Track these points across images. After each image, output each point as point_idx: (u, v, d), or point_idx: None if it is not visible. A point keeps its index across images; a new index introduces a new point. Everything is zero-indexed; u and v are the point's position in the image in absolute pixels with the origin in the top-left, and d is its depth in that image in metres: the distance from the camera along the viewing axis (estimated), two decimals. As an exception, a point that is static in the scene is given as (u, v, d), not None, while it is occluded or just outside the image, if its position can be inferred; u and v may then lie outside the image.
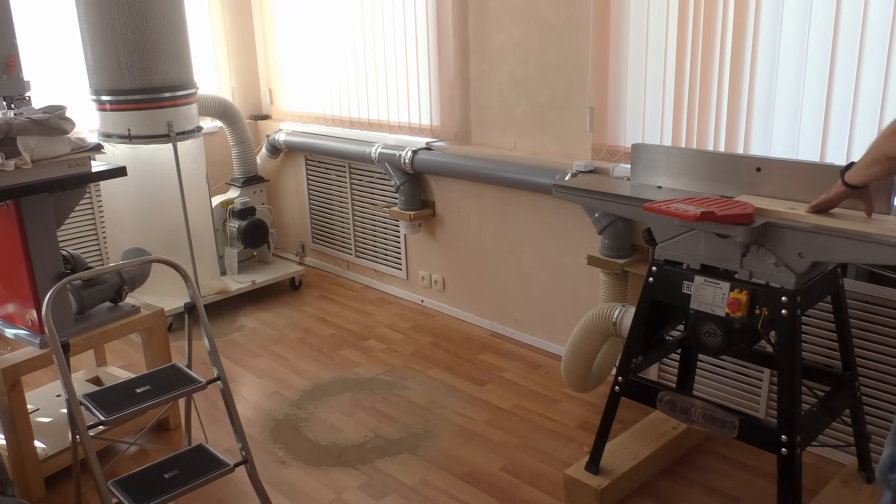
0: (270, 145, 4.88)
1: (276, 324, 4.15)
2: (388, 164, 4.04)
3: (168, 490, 2.12)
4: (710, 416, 2.25)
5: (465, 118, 3.79)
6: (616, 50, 3.05)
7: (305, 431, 3.04)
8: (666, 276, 2.30)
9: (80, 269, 2.78)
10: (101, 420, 2.12)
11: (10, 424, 2.53)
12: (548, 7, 3.27)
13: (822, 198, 2.01)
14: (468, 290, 4.03)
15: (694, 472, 2.68)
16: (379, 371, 3.54)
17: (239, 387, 3.42)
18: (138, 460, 2.85)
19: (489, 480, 2.69)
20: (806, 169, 2.19)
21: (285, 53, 4.82)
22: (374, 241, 4.56)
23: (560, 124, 3.37)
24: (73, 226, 4.24)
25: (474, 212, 3.86)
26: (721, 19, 2.69)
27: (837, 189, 1.96)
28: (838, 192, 1.96)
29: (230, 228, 4.51)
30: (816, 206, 2.03)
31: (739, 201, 2.16)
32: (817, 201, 2.02)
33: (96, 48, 3.67)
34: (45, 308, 2.13)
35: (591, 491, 2.45)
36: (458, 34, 3.69)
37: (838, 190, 1.96)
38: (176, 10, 3.77)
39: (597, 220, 3.08)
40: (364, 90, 4.28)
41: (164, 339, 2.95)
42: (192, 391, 2.33)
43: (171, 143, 3.79)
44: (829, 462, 2.68)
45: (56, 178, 2.54)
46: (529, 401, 3.21)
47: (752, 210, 2.09)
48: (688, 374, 2.74)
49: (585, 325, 2.79)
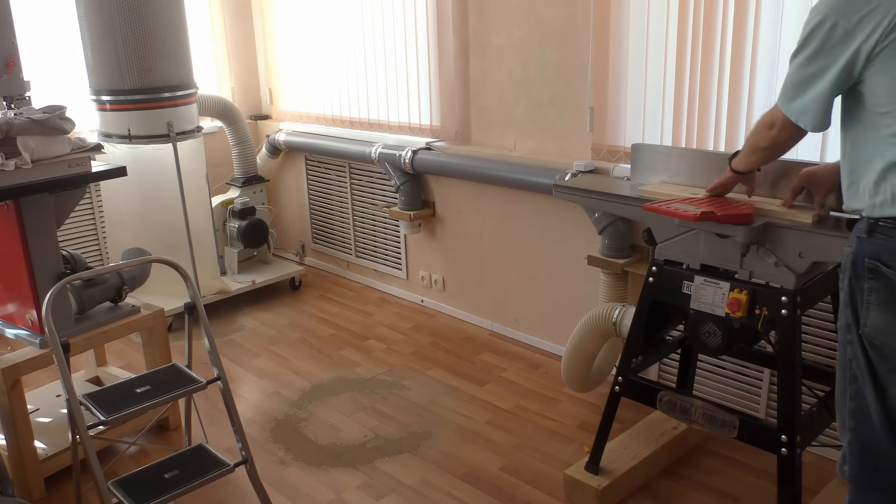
0: (270, 145, 4.88)
1: (276, 324, 4.15)
2: (388, 164, 4.04)
3: (168, 490, 2.12)
4: (710, 416, 2.25)
5: (465, 118, 3.79)
6: (616, 50, 3.05)
7: (305, 431, 3.04)
8: (666, 276, 2.30)
9: (80, 269, 2.78)
10: (101, 420, 2.13)
11: (10, 424, 2.53)
12: (548, 7, 3.27)
13: (715, 182, 2.18)
14: (468, 290, 4.03)
15: (694, 472, 2.68)
16: (379, 371, 3.54)
17: (239, 387, 3.42)
18: (138, 460, 2.85)
19: (489, 480, 2.69)
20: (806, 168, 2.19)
21: (285, 53, 4.82)
22: (374, 241, 4.56)
23: (560, 124, 3.37)
24: (73, 226, 4.24)
25: (474, 212, 3.86)
26: (721, 19, 2.69)
27: (727, 175, 2.13)
28: (727, 177, 2.13)
29: (230, 228, 4.51)
30: (712, 190, 2.19)
31: (739, 201, 2.16)
32: (712, 186, 2.19)
33: (96, 48, 3.67)
34: (45, 308, 2.13)
35: (591, 491, 2.45)
36: (458, 34, 3.69)
37: (727, 175, 2.12)
38: (176, 10, 3.77)
39: (597, 220, 3.08)
40: (364, 90, 4.28)
41: (164, 339, 2.95)
42: (192, 391, 2.34)
43: (171, 143, 3.79)
44: (829, 462, 2.68)
45: (56, 178, 2.54)
46: (529, 401, 3.21)
47: (752, 210, 2.09)
48: (688, 374, 2.74)
49: (585, 325, 2.79)
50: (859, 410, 1.58)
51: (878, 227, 1.53)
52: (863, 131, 1.58)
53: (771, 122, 1.78)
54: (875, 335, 1.52)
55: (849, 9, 1.49)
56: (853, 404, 1.59)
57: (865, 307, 1.52)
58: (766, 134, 1.81)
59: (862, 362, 1.55)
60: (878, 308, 1.50)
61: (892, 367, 1.50)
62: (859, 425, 1.59)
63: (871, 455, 1.58)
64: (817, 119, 1.63)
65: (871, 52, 1.48)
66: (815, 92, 1.60)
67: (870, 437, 1.57)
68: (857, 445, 1.61)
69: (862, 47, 1.49)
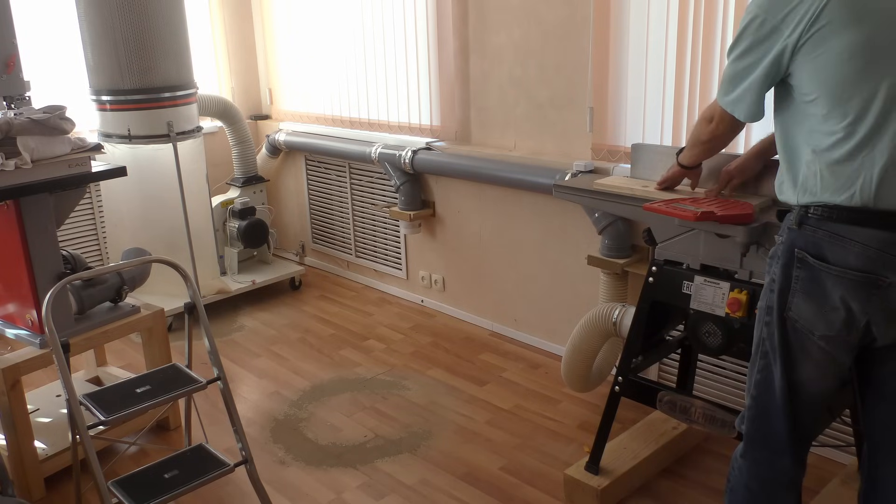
0: (270, 145, 4.88)
1: (276, 324, 4.15)
2: (388, 164, 4.04)
3: (168, 490, 2.12)
4: (710, 416, 2.25)
5: (465, 118, 3.79)
6: (616, 50, 3.05)
7: (305, 431, 3.04)
8: (666, 276, 2.30)
9: (80, 269, 2.78)
10: (101, 420, 2.12)
11: (10, 424, 2.53)
12: (548, 7, 3.27)
13: (664, 176, 2.32)
14: (468, 290, 4.03)
15: (694, 472, 2.68)
16: (379, 371, 3.54)
17: (239, 387, 3.42)
18: (138, 460, 2.85)
19: (489, 480, 2.69)
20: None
21: (285, 53, 4.82)
22: (374, 241, 4.56)
23: (560, 124, 3.37)
24: (73, 226, 4.24)
25: (474, 212, 3.86)
26: (721, 19, 2.69)
27: (674, 168, 2.28)
28: (674, 171, 2.28)
29: (230, 228, 4.50)
30: (661, 183, 2.34)
31: (739, 201, 2.16)
32: (661, 179, 2.34)
33: (96, 48, 3.67)
34: (45, 308, 2.13)
35: (591, 491, 2.45)
36: (458, 34, 3.69)
37: (674, 169, 2.28)
38: (176, 10, 3.77)
39: (597, 220, 3.08)
40: (364, 90, 4.28)
41: (164, 339, 2.95)
42: (192, 391, 2.34)
43: (171, 143, 3.79)
44: (829, 462, 2.68)
45: (56, 178, 2.54)
46: (529, 401, 3.21)
47: (752, 210, 2.09)
48: (688, 374, 2.74)
49: (585, 325, 2.79)
50: (763, 382, 1.76)
51: (807, 217, 1.63)
52: (792, 120, 1.68)
53: (710, 115, 1.90)
54: (798, 319, 1.66)
55: (775, 6, 1.61)
56: (759, 376, 1.77)
57: (792, 293, 1.65)
58: (706, 127, 1.93)
59: (776, 341, 1.70)
60: (803, 295, 1.64)
61: (805, 347, 1.67)
62: (760, 394, 1.78)
63: (766, 420, 1.78)
64: (751, 108, 1.74)
65: (796, 45, 1.59)
66: (748, 84, 1.71)
67: (768, 406, 1.76)
68: (755, 410, 1.80)
69: (788, 41, 1.60)
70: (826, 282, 1.59)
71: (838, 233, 1.57)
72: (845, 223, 1.57)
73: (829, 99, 1.57)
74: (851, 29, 1.52)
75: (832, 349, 1.65)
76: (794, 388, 1.71)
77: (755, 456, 1.82)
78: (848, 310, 1.59)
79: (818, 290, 1.61)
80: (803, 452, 1.81)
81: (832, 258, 1.58)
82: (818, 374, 1.69)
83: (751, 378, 1.80)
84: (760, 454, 1.81)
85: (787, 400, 1.72)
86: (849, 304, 1.58)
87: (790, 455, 1.78)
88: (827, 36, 1.54)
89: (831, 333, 1.62)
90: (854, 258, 1.56)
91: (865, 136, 1.54)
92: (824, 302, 1.60)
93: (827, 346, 1.65)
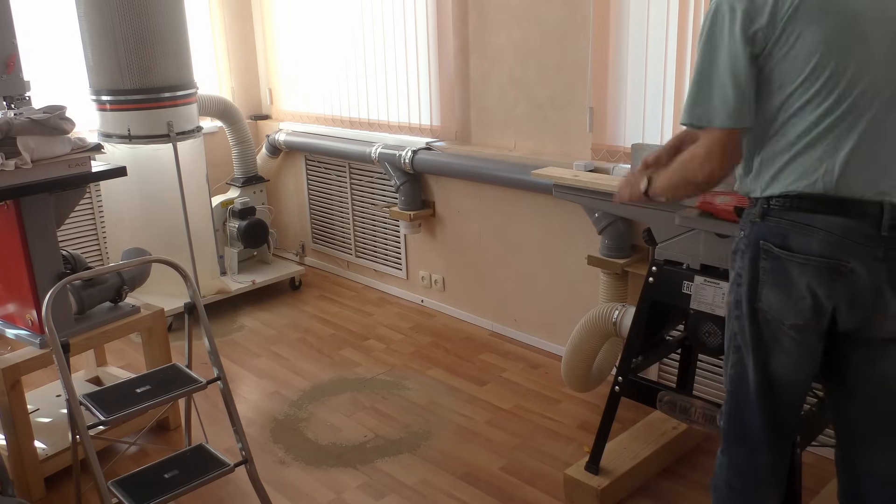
0: (270, 145, 4.88)
1: (276, 324, 4.15)
2: (388, 164, 4.04)
3: (168, 490, 2.12)
4: (710, 416, 2.25)
5: (465, 118, 3.79)
6: (616, 50, 3.05)
7: (305, 431, 3.04)
8: (666, 276, 2.30)
9: (80, 269, 2.78)
10: (101, 420, 2.13)
11: (10, 424, 2.53)
12: (548, 7, 3.27)
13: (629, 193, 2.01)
14: (468, 290, 4.03)
15: (694, 472, 2.68)
16: (379, 371, 3.54)
17: (239, 387, 3.42)
18: (138, 460, 2.85)
19: (489, 480, 2.69)
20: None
21: (285, 53, 4.82)
22: (374, 241, 4.56)
23: (560, 124, 3.37)
24: (73, 226, 4.24)
25: (474, 212, 3.86)
26: (721, 19, 2.68)
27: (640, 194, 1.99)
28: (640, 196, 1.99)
29: (230, 228, 4.51)
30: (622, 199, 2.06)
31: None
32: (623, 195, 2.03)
33: (96, 48, 3.67)
34: (45, 308, 2.13)
35: (591, 491, 2.45)
36: (458, 34, 3.69)
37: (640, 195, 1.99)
38: (176, 10, 3.77)
39: (597, 220, 3.08)
40: (364, 90, 4.28)
41: (164, 339, 2.95)
42: (192, 391, 2.34)
43: (171, 143, 3.79)
44: (829, 462, 2.67)
45: (56, 178, 2.54)
46: (529, 401, 3.21)
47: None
48: (688, 374, 2.74)
49: (585, 325, 2.79)
50: (738, 377, 1.76)
51: (769, 209, 1.64)
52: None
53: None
54: (768, 310, 1.67)
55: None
56: (733, 371, 1.77)
57: (761, 284, 1.67)
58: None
59: (748, 335, 1.71)
60: (771, 286, 1.65)
61: (776, 338, 1.68)
62: (736, 389, 1.78)
63: (741, 415, 1.78)
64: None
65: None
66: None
67: (743, 400, 1.76)
68: (731, 405, 1.81)
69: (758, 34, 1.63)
70: (792, 271, 1.61)
71: (801, 221, 1.60)
72: (807, 212, 1.59)
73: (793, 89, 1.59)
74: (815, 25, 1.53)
75: (803, 338, 1.67)
76: (769, 380, 1.72)
77: (734, 451, 1.83)
78: (814, 296, 1.61)
79: (785, 280, 1.63)
80: (784, 446, 1.81)
81: (796, 246, 1.61)
82: (792, 364, 1.70)
83: (726, 374, 1.81)
84: (738, 450, 1.82)
85: (761, 393, 1.73)
86: (815, 290, 1.60)
87: (769, 449, 1.78)
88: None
89: (801, 322, 1.64)
90: (817, 245, 1.58)
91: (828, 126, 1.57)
92: (792, 291, 1.63)
93: (798, 336, 1.66)
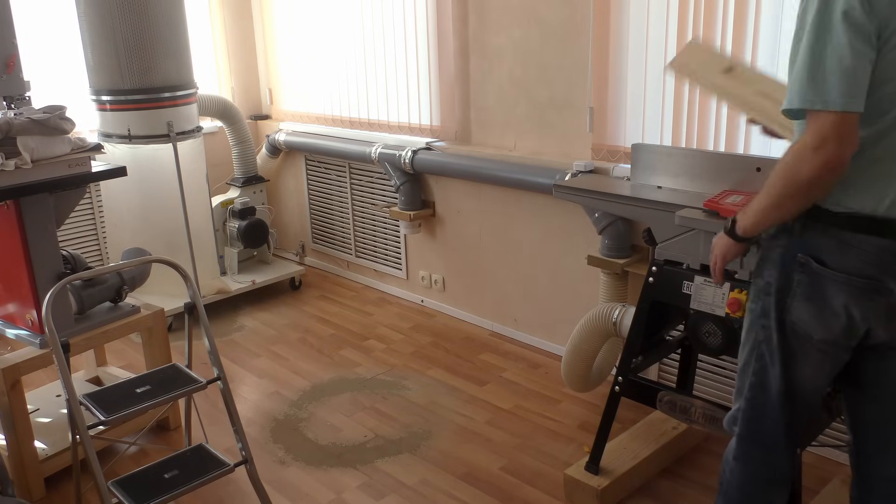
0: (270, 145, 4.88)
1: (276, 324, 4.15)
2: (388, 164, 4.04)
3: (168, 490, 2.12)
4: (710, 416, 2.25)
5: (465, 118, 3.79)
6: (616, 50, 3.05)
7: (305, 431, 3.04)
8: (666, 276, 2.30)
9: (80, 269, 2.78)
10: (101, 420, 2.13)
11: (10, 424, 2.53)
12: (548, 7, 3.27)
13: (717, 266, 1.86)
14: (468, 290, 4.03)
15: (694, 472, 2.68)
16: (379, 371, 3.54)
17: (239, 387, 3.42)
18: (138, 460, 2.85)
19: (489, 480, 2.69)
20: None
21: (285, 53, 4.82)
22: (374, 241, 4.56)
23: (560, 124, 3.37)
24: (73, 226, 4.24)
25: (474, 212, 3.86)
26: (721, 19, 2.69)
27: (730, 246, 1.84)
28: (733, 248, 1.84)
29: (230, 228, 4.51)
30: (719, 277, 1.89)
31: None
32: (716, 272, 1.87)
33: (96, 48, 3.67)
34: (45, 308, 2.13)
35: (591, 491, 2.45)
36: (458, 34, 3.69)
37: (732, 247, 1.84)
38: (176, 10, 3.77)
39: (597, 220, 3.08)
40: (364, 90, 4.28)
41: (164, 339, 2.95)
42: (192, 391, 2.34)
43: (171, 143, 3.79)
44: (829, 462, 2.68)
45: (56, 178, 2.54)
46: (529, 401, 3.21)
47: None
48: (688, 374, 2.74)
49: (585, 325, 2.79)
50: (759, 385, 1.76)
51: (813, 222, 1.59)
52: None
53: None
54: (797, 323, 1.65)
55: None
56: (754, 379, 1.76)
57: (792, 297, 1.64)
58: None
59: (775, 345, 1.69)
60: (803, 300, 1.63)
61: (804, 350, 1.67)
62: (755, 397, 1.77)
63: (762, 420, 1.78)
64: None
65: None
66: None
67: (764, 406, 1.76)
68: (750, 411, 1.80)
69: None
70: (828, 287, 1.58)
71: (845, 240, 1.56)
72: (851, 230, 1.55)
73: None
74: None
75: (831, 351, 1.66)
76: (792, 388, 1.72)
77: (751, 456, 1.83)
78: (849, 317, 1.58)
79: (819, 296, 1.60)
80: (795, 448, 1.84)
81: (835, 263, 1.57)
82: (815, 372, 1.70)
83: (744, 380, 1.79)
84: (757, 454, 1.82)
85: (783, 400, 1.73)
86: (850, 311, 1.58)
87: (786, 454, 1.80)
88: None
89: (830, 338, 1.63)
90: (860, 264, 1.55)
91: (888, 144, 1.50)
92: (825, 307, 1.60)
93: (827, 349, 1.65)
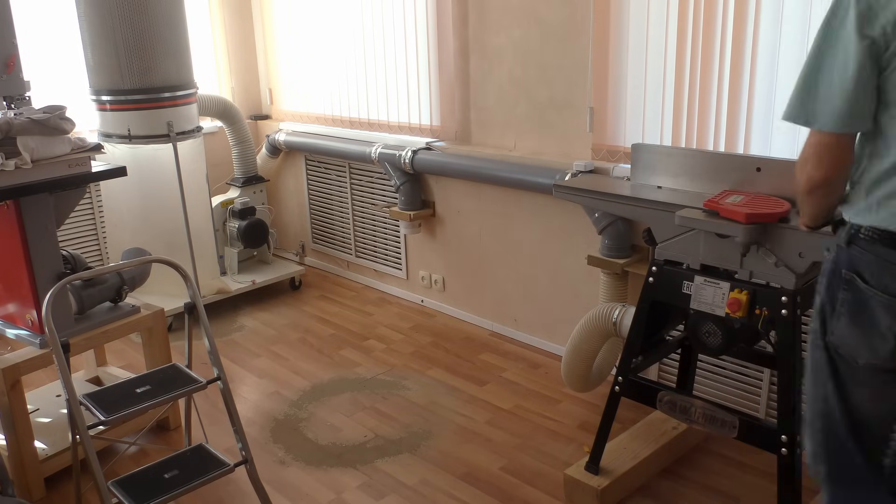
0: (270, 145, 4.88)
1: (276, 324, 4.15)
2: (388, 164, 4.04)
3: (168, 490, 2.12)
4: (710, 416, 2.25)
5: (465, 118, 3.79)
6: (616, 50, 3.05)
7: (305, 431, 3.04)
8: (666, 276, 2.30)
9: (80, 269, 2.78)
10: (101, 420, 2.13)
11: (10, 424, 2.53)
12: (548, 7, 3.27)
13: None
14: (468, 290, 4.03)
15: (694, 472, 2.68)
16: (379, 371, 3.54)
17: (239, 387, 3.42)
18: (138, 460, 2.85)
19: (489, 480, 2.69)
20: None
21: (285, 53, 4.82)
22: (374, 241, 4.56)
23: (560, 124, 3.37)
24: (73, 226, 4.24)
25: (474, 212, 3.86)
26: (721, 19, 2.69)
27: None
28: None
29: (230, 228, 4.51)
30: None
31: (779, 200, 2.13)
32: None
33: (96, 48, 3.67)
34: (45, 308, 2.13)
35: (591, 491, 2.45)
36: (458, 34, 3.69)
37: None
38: (176, 11, 3.77)
39: (597, 220, 3.08)
40: (364, 90, 4.28)
41: (164, 339, 2.95)
42: (192, 391, 2.34)
43: (171, 143, 3.79)
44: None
45: (56, 178, 2.54)
46: (529, 401, 3.21)
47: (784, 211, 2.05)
48: (688, 374, 2.74)
49: (585, 325, 2.79)
50: (827, 414, 1.58)
51: (857, 237, 1.49)
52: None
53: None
54: (840, 344, 1.52)
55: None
56: (823, 406, 1.59)
57: (836, 316, 1.52)
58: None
59: (826, 368, 1.56)
60: (847, 321, 1.50)
61: (853, 375, 1.52)
62: (827, 427, 1.60)
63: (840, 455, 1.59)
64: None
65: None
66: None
67: (836, 438, 1.58)
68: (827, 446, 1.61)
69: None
70: (875, 308, 1.46)
71: (889, 259, 1.44)
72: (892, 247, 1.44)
73: None
74: None
75: (882, 374, 1.50)
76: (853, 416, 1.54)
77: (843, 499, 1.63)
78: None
79: (864, 316, 1.47)
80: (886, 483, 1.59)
81: (879, 283, 1.45)
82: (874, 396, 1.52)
83: (812, 407, 1.62)
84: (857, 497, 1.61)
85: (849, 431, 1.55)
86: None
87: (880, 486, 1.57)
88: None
89: (876, 361, 1.48)
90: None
91: None
92: (870, 328, 1.47)
93: (875, 372, 1.50)
